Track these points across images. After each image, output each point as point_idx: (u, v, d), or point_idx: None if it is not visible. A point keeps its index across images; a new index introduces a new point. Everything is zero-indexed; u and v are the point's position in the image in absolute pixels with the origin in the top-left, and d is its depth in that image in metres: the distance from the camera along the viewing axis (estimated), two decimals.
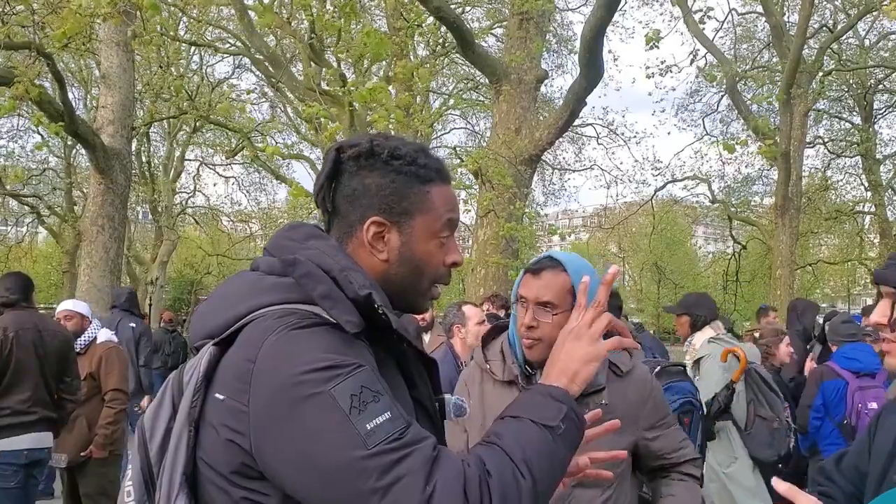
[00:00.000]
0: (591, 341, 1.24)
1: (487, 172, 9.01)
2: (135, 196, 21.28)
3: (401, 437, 1.03)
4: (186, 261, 30.63)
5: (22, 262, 24.42)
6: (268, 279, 1.20)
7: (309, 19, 10.02)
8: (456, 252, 1.29)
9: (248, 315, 1.14)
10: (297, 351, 1.06)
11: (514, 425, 1.13)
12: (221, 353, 1.14)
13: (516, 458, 1.08)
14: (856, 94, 19.81)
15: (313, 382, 1.03)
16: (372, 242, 1.23)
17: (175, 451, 1.13)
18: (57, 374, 4.17)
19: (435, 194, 1.26)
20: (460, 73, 18.54)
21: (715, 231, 40.13)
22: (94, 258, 9.25)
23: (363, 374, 1.06)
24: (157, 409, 1.20)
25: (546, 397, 1.17)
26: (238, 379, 1.08)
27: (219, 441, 1.09)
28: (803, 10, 13.47)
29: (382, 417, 1.03)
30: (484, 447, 1.11)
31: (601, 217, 26.76)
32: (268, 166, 20.40)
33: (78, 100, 19.57)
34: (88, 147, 9.24)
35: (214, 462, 1.11)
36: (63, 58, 13.10)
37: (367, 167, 1.23)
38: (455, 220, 1.29)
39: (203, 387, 1.12)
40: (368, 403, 1.03)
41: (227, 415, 1.08)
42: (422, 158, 1.26)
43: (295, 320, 1.10)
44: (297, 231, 1.27)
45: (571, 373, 1.21)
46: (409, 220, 1.23)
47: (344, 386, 1.03)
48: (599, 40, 8.76)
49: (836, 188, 21.91)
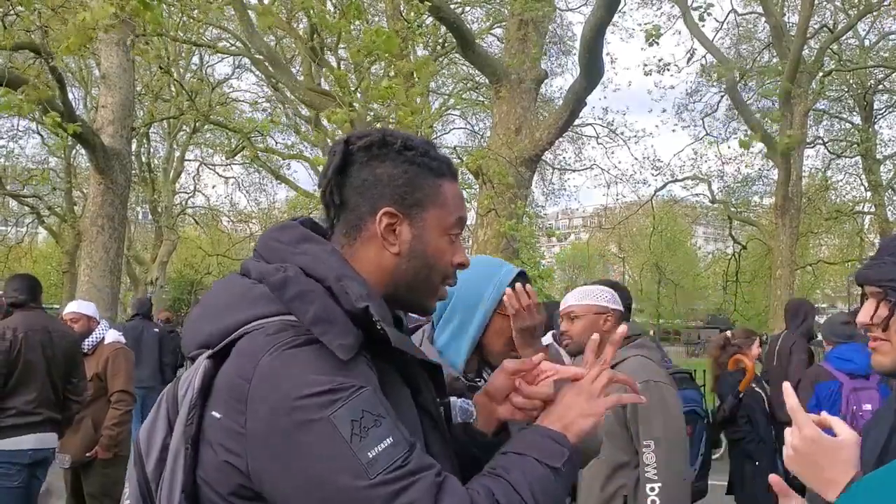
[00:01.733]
0: (589, 397, 1.23)
1: (488, 172, 9.01)
2: (135, 196, 21.29)
3: (404, 464, 0.99)
4: (186, 261, 30.61)
5: (22, 262, 24.43)
6: (258, 288, 1.14)
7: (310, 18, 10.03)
8: (463, 253, 1.27)
9: (241, 327, 1.10)
10: (293, 372, 1.02)
11: (519, 461, 1.13)
12: (216, 366, 1.10)
13: (524, 493, 1.07)
14: (856, 94, 19.80)
15: (312, 408, 0.99)
16: (384, 234, 1.18)
17: (173, 469, 1.10)
18: (64, 375, 4.18)
19: (446, 189, 1.23)
20: (460, 73, 18.54)
21: (715, 231, 40.13)
22: (94, 258, 9.24)
23: (364, 396, 1.02)
24: (152, 425, 1.17)
25: (547, 439, 1.17)
26: (234, 399, 1.04)
27: (216, 461, 1.06)
28: (803, 10, 13.48)
29: (385, 443, 0.99)
30: (490, 478, 1.10)
31: (601, 217, 26.79)
32: (268, 166, 20.39)
33: (78, 100, 19.56)
34: (88, 147, 9.23)
35: (213, 481, 1.07)
36: (63, 58, 13.08)
37: (379, 157, 1.19)
38: (464, 218, 1.27)
39: (199, 403, 1.08)
40: (370, 429, 0.99)
41: (224, 435, 1.05)
42: (433, 151, 1.24)
43: (290, 338, 1.05)
44: (288, 233, 1.21)
45: (567, 422, 1.20)
46: (421, 212, 1.20)
47: (344, 411, 0.99)
48: (599, 41, 8.77)
49: (836, 188, 21.90)
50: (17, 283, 4.19)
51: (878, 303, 1.39)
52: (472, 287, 1.85)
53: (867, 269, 1.43)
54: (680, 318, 38.42)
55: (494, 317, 1.87)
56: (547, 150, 10.90)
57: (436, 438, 1.21)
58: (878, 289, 1.39)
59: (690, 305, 39.08)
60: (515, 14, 10.62)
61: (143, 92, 15.69)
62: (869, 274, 1.41)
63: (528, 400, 1.31)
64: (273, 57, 11.50)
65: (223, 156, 22.24)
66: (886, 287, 1.37)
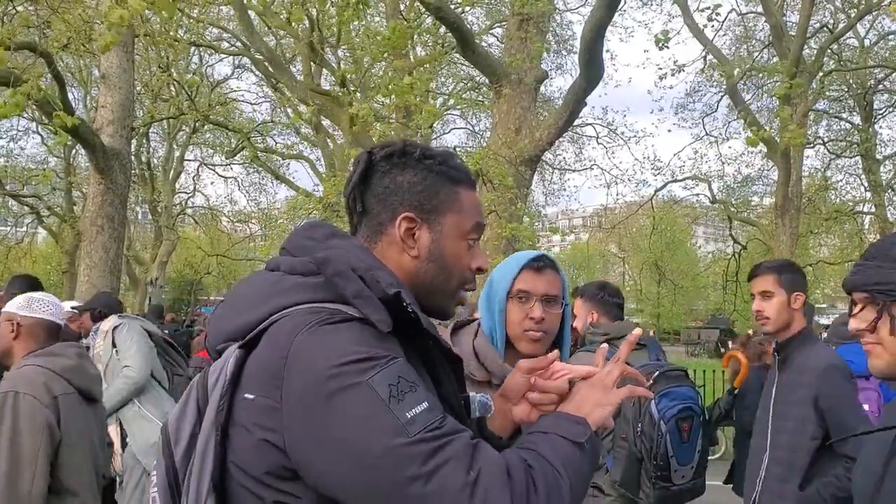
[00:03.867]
0: (604, 389, 1.27)
1: (488, 173, 9.01)
2: (134, 196, 21.28)
3: (441, 425, 1.03)
4: (186, 261, 30.59)
5: (21, 262, 24.41)
6: (290, 279, 1.19)
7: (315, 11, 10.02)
8: (482, 258, 1.31)
9: (272, 315, 1.13)
10: (330, 345, 1.06)
11: (545, 438, 1.15)
12: (246, 356, 1.12)
13: (555, 462, 1.09)
14: (856, 94, 19.79)
15: (350, 374, 1.03)
16: (403, 238, 1.23)
17: (203, 456, 1.11)
18: None
19: (464, 196, 1.29)
20: (460, 73, 18.54)
21: (715, 231, 40.18)
22: (94, 258, 9.24)
23: (399, 365, 1.06)
24: (181, 414, 1.19)
25: (569, 420, 1.20)
26: (270, 376, 1.07)
27: (251, 441, 1.07)
28: (803, 10, 13.49)
29: (421, 407, 1.03)
30: (520, 450, 1.12)
31: (601, 217, 26.80)
32: (267, 166, 20.39)
33: (77, 100, 19.57)
34: (88, 147, 9.22)
35: (246, 464, 1.09)
36: (63, 58, 13.09)
37: (400, 165, 1.25)
38: (482, 225, 1.32)
39: (230, 389, 1.11)
40: (406, 393, 1.03)
41: (259, 413, 1.07)
42: (452, 161, 1.29)
43: (325, 316, 1.09)
44: (317, 230, 1.27)
45: (584, 412, 1.23)
46: (439, 217, 1.25)
47: (381, 376, 1.03)
48: (599, 40, 8.78)
49: (836, 188, 21.89)
50: (17, 284, 4.19)
51: (864, 307, 1.41)
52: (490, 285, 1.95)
53: (853, 275, 1.45)
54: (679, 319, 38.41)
55: (509, 304, 1.91)
56: (547, 149, 10.91)
57: None
58: (865, 294, 1.41)
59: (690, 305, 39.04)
60: (516, 13, 10.62)
61: (142, 92, 15.67)
62: (855, 280, 1.44)
63: (543, 395, 1.35)
64: (273, 57, 11.50)
65: (223, 156, 22.25)
66: (872, 291, 1.40)
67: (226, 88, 20.99)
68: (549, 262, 1.94)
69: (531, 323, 1.88)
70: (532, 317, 1.87)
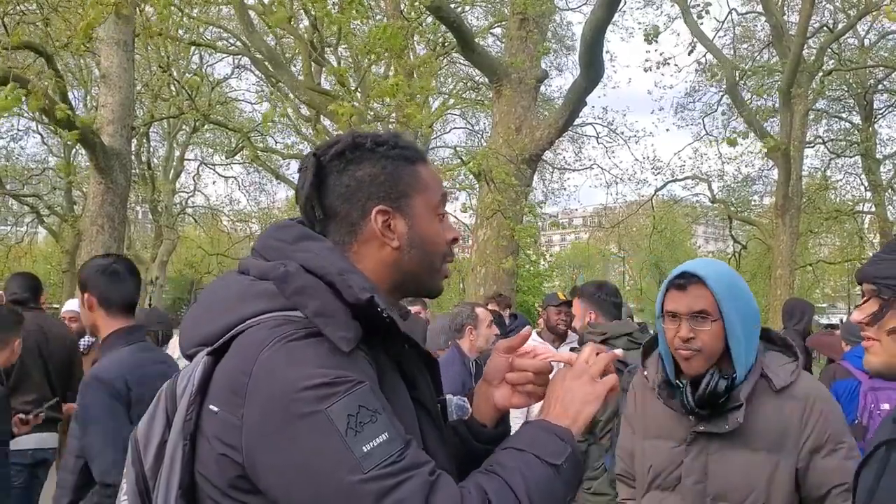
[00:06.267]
0: (590, 380, 1.22)
1: (491, 173, 8.99)
2: (135, 196, 21.28)
3: (398, 459, 1.00)
4: (186, 261, 30.60)
5: (22, 262, 24.38)
6: (259, 285, 1.15)
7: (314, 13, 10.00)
8: (452, 228, 1.30)
9: (241, 323, 1.11)
10: (293, 366, 1.03)
11: (517, 457, 1.12)
12: (215, 363, 1.10)
13: (518, 489, 1.06)
14: (856, 94, 19.80)
15: (308, 401, 1.00)
16: (382, 231, 1.20)
17: (171, 465, 1.11)
18: (62, 375, 4.18)
19: (424, 172, 1.26)
20: (460, 73, 18.54)
21: (715, 231, 40.17)
22: None
23: (361, 391, 1.03)
24: (150, 422, 1.17)
25: (551, 435, 1.16)
26: (233, 392, 1.05)
27: (213, 454, 1.07)
28: (803, 10, 13.48)
29: (380, 439, 1.00)
30: (484, 475, 1.10)
31: (601, 217, 26.78)
32: (268, 166, 20.39)
33: (78, 100, 19.56)
34: (88, 147, 9.22)
35: (211, 475, 1.08)
36: (63, 57, 13.08)
37: (355, 160, 1.21)
38: (446, 195, 1.30)
39: (198, 399, 1.09)
40: (366, 424, 1.00)
41: (221, 428, 1.06)
42: (401, 141, 1.26)
43: (290, 331, 1.06)
44: (287, 231, 1.22)
45: (574, 413, 1.19)
46: (408, 201, 1.23)
47: (340, 405, 1.00)
48: (599, 40, 8.78)
49: (836, 188, 21.91)
50: (18, 282, 4.19)
51: (870, 299, 1.39)
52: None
53: (868, 265, 1.43)
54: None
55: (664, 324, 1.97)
56: (547, 149, 10.91)
57: (432, 434, 1.21)
58: (872, 286, 1.39)
59: None
60: (516, 12, 10.62)
61: (142, 91, 15.67)
62: (867, 270, 1.41)
63: (520, 374, 1.30)
64: (273, 56, 11.49)
65: (223, 155, 22.24)
66: (880, 284, 1.37)
67: (226, 88, 20.99)
68: (692, 277, 1.92)
69: (680, 342, 1.91)
70: (680, 336, 1.91)
